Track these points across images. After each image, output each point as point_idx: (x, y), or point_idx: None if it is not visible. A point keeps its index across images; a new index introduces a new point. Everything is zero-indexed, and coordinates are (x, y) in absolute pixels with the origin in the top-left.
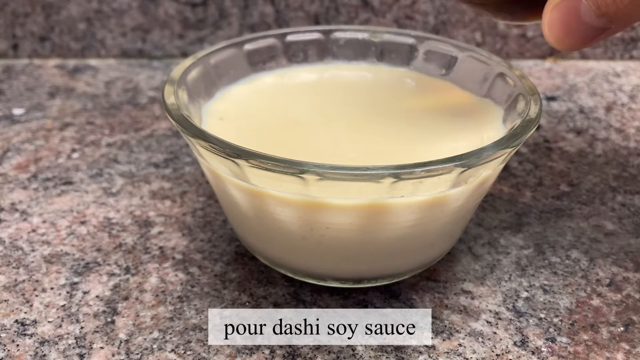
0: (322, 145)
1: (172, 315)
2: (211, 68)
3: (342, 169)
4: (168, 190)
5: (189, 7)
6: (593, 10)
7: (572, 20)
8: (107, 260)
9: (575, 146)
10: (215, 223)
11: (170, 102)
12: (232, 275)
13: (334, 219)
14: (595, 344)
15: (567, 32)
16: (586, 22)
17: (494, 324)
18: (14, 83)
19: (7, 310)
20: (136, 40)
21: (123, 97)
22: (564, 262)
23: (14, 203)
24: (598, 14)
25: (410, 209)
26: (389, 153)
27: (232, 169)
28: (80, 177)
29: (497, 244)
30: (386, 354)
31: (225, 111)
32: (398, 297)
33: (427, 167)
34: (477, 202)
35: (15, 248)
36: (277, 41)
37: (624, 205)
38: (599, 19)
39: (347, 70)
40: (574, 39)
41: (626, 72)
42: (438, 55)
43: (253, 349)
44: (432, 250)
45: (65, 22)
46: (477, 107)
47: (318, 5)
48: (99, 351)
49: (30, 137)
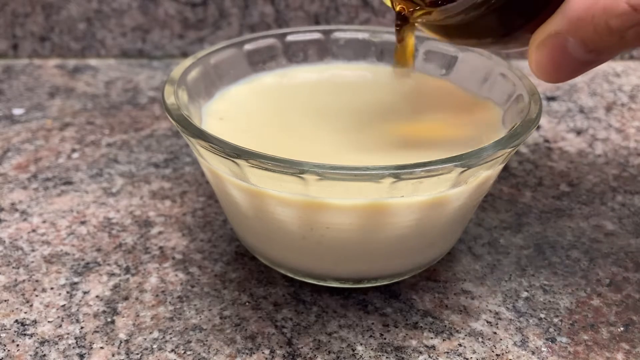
0: (322, 145)
1: (172, 315)
2: (211, 68)
3: (342, 169)
4: (168, 190)
5: (189, 7)
6: (581, 47)
7: (560, 57)
8: (107, 260)
9: (575, 146)
10: (215, 223)
11: (170, 102)
12: (232, 275)
13: (334, 219)
14: (595, 344)
15: (556, 68)
16: (575, 57)
17: (494, 324)
18: (14, 83)
19: (7, 310)
20: (136, 40)
21: (123, 97)
22: (564, 262)
23: (14, 203)
24: (586, 50)
25: (410, 209)
26: (389, 153)
27: (232, 169)
28: (80, 177)
29: (497, 244)
30: (386, 354)
31: (225, 111)
32: (398, 297)
33: (427, 167)
34: (477, 202)
35: (15, 248)
36: (277, 41)
37: (624, 205)
38: (588, 54)
39: (347, 70)
40: (563, 74)
41: (626, 72)
42: (438, 55)
43: (253, 349)
44: (432, 250)
45: (65, 22)
46: (477, 107)
47: (318, 5)
48: (99, 351)
49: (30, 137)
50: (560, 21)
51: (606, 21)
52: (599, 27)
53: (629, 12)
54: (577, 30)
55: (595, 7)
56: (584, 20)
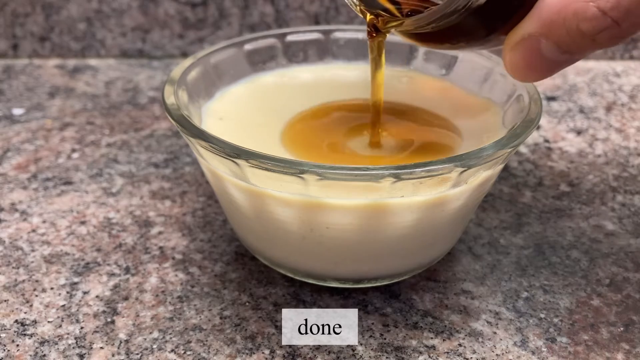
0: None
1: (172, 315)
2: (211, 68)
3: (342, 169)
4: (168, 190)
5: (189, 7)
6: (554, 49)
7: (534, 58)
8: (107, 260)
9: (575, 146)
10: (215, 223)
11: (170, 102)
12: (232, 275)
13: (334, 219)
14: (595, 344)
15: (531, 69)
16: (549, 58)
17: (494, 324)
18: (14, 83)
19: (7, 310)
20: (136, 40)
21: (123, 97)
22: (564, 262)
23: (14, 203)
24: (560, 51)
25: (410, 209)
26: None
27: (232, 169)
28: (80, 177)
29: (497, 244)
30: (386, 354)
31: (225, 111)
32: (398, 297)
33: (427, 167)
34: (477, 202)
35: (15, 248)
36: (277, 41)
37: (624, 205)
38: (562, 55)
39: (347, 70)
40: (538, 74)
41: (626, 72)
42: (438, 55)
43: (253, 349)
44: (432, 251)
45: (65, 22)
46: (477, 107)
47: (318, 5)
48: (99, 351)
49: (30, 137)
50: (533, 24)
51: (577, 25)
52: (571, 31)
53: (599, 16)
54: (549, 33)
55: (566, 10)
56: (556, 23)
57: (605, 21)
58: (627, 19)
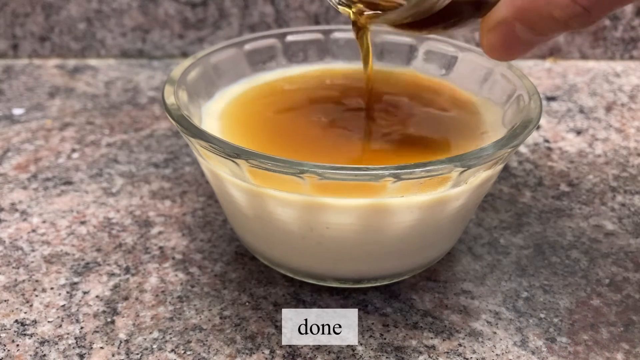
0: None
1: (172, 315)
2: (211, 68)
3: (342, 169)
4: (168, 190)
5: (189, 7)
6: (529, 31)
7: (510, 40)
8: (107, 260)
9: (575, 146)
10: (215, 223)
11: (170, 102)
12: (232, 275)
13: (334, 219)
14: (595, 344)
15: (507, 49)
16: (524, 39)
17: (494, 324)
18: (14, 83)
19: (7, 310)
20: (136, 40)
21: (123, 97)
22: (564, 262)
23: (14, 203)
24: (534, 34)
25: (410, 209)
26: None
27: (232, 169)
28: (80, 177)
29: (497, 244)
30: (386, 354)
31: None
32: (398, 297)
33: (427, 167)
34: (477, 202)
35: (15, 248)
36: (277, 41)
37: (624, 205)
38: (537, 36)
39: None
40: (515, 53)
41: (626, 72)
42: (438, 55)
43: (253, 349)
44: (432, 250)
45: (65, 22)
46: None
47: (318, 5)
48: (99, 351)
49: (30, 137)
50: (507, 9)
51: (550, 12)
52: (544, 17)
53: (570, 4)
54: (523, 18)
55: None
56: (528, 10)
57: (576, 9)
58: (596, 6)
